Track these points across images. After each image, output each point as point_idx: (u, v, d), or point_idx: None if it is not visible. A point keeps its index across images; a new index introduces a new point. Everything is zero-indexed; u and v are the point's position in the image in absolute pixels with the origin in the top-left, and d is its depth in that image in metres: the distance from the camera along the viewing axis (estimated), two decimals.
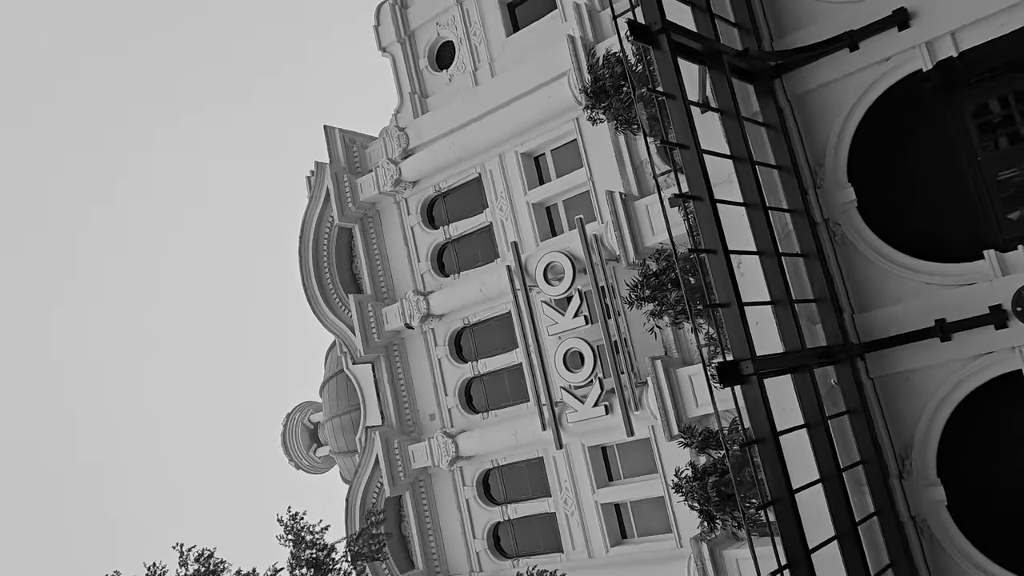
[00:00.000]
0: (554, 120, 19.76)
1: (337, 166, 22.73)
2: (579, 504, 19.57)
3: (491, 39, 21.52)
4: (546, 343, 18.89)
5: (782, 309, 12.51)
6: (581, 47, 18.29)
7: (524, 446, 20.23)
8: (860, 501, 12.97)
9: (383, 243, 22.94)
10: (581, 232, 18.24)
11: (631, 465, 19.26)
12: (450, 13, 22.21)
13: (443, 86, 22.46)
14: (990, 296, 12.60)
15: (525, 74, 19.81)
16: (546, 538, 20.38)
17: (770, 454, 11.26)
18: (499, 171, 20.85)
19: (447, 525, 21.75)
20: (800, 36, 13.96)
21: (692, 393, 17.04)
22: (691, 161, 12.20)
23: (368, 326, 21.94)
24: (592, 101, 17.90)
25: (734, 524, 15.99)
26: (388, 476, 21.15)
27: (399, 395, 22.22)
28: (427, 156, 21.58)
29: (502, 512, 21.01)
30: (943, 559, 13.11)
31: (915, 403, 13.32)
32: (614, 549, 19.01)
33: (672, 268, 16.69)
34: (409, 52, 22.89)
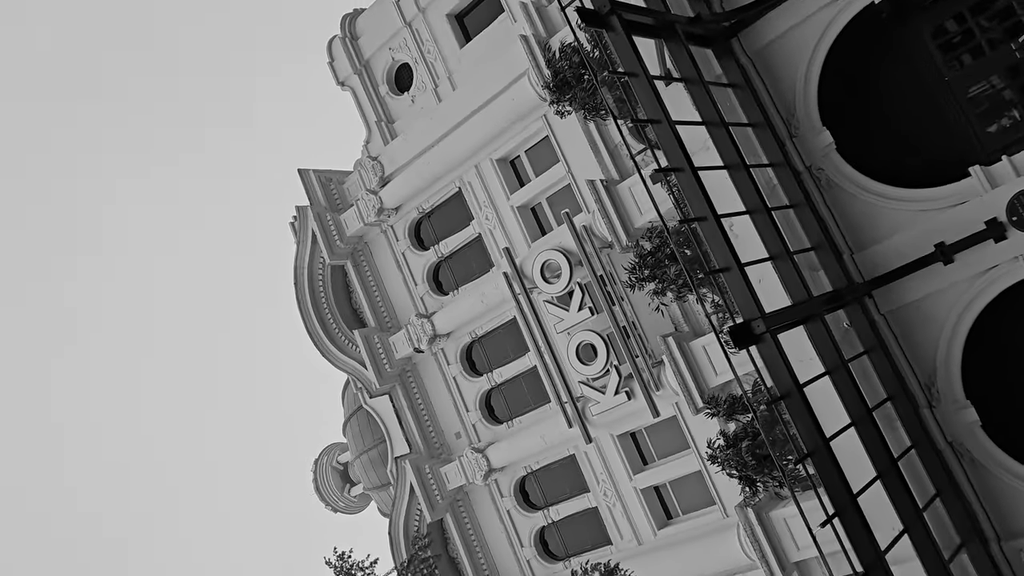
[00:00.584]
0: (522, 121, 19.78)
1: (318, 207, 22.73)
2: (619, 494, 19.52)
3: (446, 54, 21.56)
4: (556, 341, 18.87)
5: (782, 263, 12.53)
6: (535, 44, 18.33)
7: (554, 447, 20.19)
8: (895, 437, 12.98)
9: (377, 273, 22.93)
10: (570, 225, 18.22)
11: (663, 445, 19.22)
12: (400, 36, 22.26)
13: (407, 108, 22.48)
14: (984, 211, 12.63)
15: (485, 82, 19.84)
16: (593, 533, 20.32)
17: (797, 407, 11.26)
18: (478, 181, 20.87)
19: (493, 538, 21.69)
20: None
21: (709, 363, 17.01)
22: (664, 135, 12.24)
23: (378, 358, 21.92)
24: (556, 95, 17.93)
25: (775, 484, 15.95)
26: (425, 502, 21.10)
27: (421, 420, 22.18)
28: (405, 180, 21.60)
29: (544, 516, 20.95)
30: (987, 478, 13.11)
31: (930, 330, 13.34)
32: (662, 531, 18.96)
33: (666, 244, 16.69)
34: (368, 81, 22.93)
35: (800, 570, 16.31)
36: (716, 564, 17.43)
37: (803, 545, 16.04)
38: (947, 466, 13.08)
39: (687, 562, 17.79)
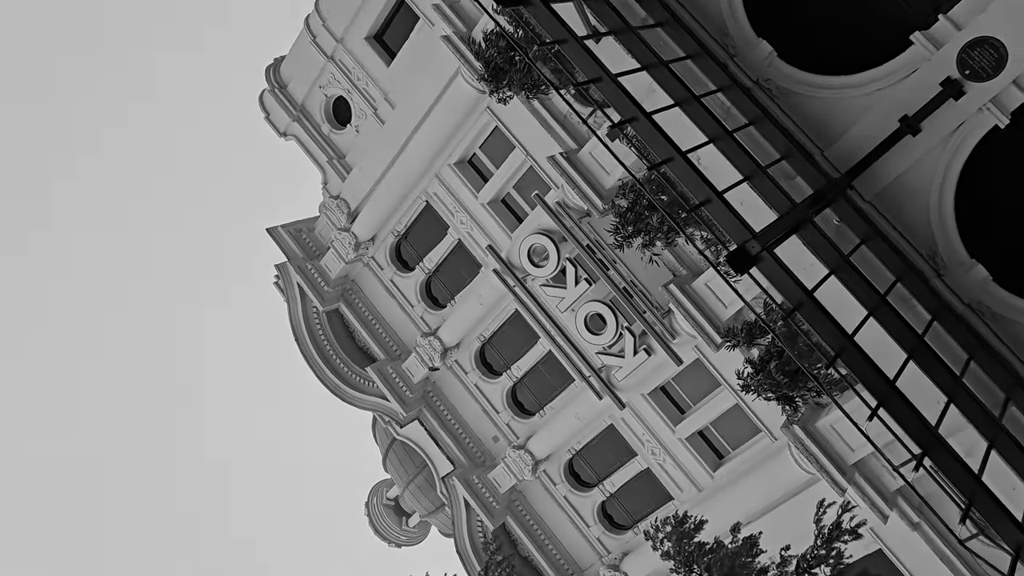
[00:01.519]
0: (468, 119, 19.74)
1: (297, 260, 22.69)
2: (666, 448, 19.54)
3: (375, 76, 21.50)
4: (563, 321, 18.85)
5: (758, 180, 12.54)
6: (459, 41, 18.26)
7: (590, 423, 20.21)
8: (914, 315, 13.04)
9: (372, 306, 22.92)
10: (543, 206, 18.22)
11: (695, 390, 19.24)
12: (327, 72, 22.19)
13: (354, 139, 22.44)
14: (936, 73, 12.67)
15: (421, 92, 19.78)
16: (652, 494, 20.35)
17: (813, 314, 11.30)
18: (442, 189, 20.84)
19: (557, 527, 21.70)
20: None
21: (716, 298, 17.00)
22: (609, 90, 12.24)
23: (397, 387, 21.90)
24: (493, 84, 17.89)
25: (812, 394, 15.98)
26: (483, 511, 21.11)
27: (456, 434, 22.18)
28: (372, 209, 21.56)
29: (601, 491, 20.98)
30: (1014, 328, 13.19)
31: (918, 203, 13.41)
32: (717, 472, 19.00)
33: (641, 195, 16.71)
34: (308, 124, 22.86)
35: (860, 470, 16.36)
36: (778, 488, 17.48)
37: (856, 445, 16.10)
38: (972, 328, 13.14)
39: (750, 494, 17.84)
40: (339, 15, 21.31)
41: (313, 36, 21.87)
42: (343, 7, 21.18)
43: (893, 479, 16.25)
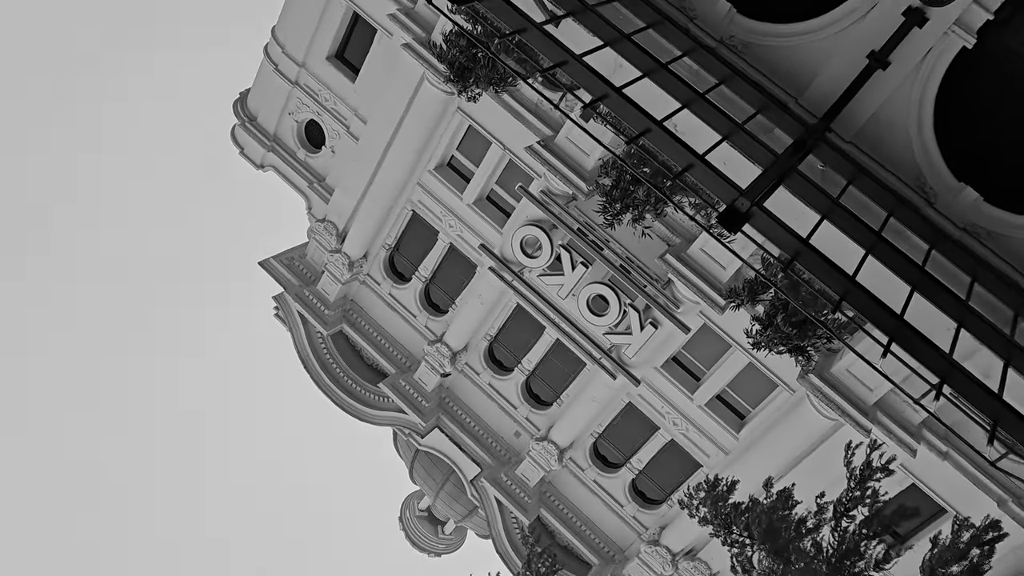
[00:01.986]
0: (441, 122, 19.71)
1: (293, 289, 22.69)
2: (686, 417, 19.57)
3: (342, 94, 21.47)
4: (565, 307, 18.86)
5: (736, 137, 12.54)
6: (419, 47, 18.25)
7: (608, 404, 20.24)
8: (912, 246, 13.06)
9: (374, 322, 22.93)
10: (529, 197, 18.23)
11: (706, 356, 19.26)
12: (294, 98, 22.18)
13: (331, 160, 22.43)
14: (896, 4, 12.66)
15: (390, 103, 19.75)
16: (681, 464, 20.39)
17: (812, 261, 11.31)
18: (427, 197, 20.82)
19: (593, 511, 21.76)
20: None
21: (713, 260, 17.04)
22: (575, 71, 12.22)
23: (412, 399, 21.92)
24: (460, 84, 17.88)
25: (823, 341, 16.01)
26: (516, 508, 21.15)
27: (478, 436, 22.21)
28: (360, 227, 21.55)
29: (629, 469, 21.02)
30: (1011, 244, 13.21)
31: (898, 135, 13.41)
32: (741, 433, 19.04)
33: (624, 171, 16.71)
34: (283, 152, 22.85)
35: (881, 408, 16.40)
36: (804, 439, 17.50)
37: (874, 385, 16.15)
38: (971, 251, 13.16)
39: (777, 449, 17.88)
40: (297, 40, 21.27)
41: (275, 64, 21.83)
42: (300, 31, 21.15)
43: (916, 412, 16.31)
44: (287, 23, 21.38)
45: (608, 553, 21.63)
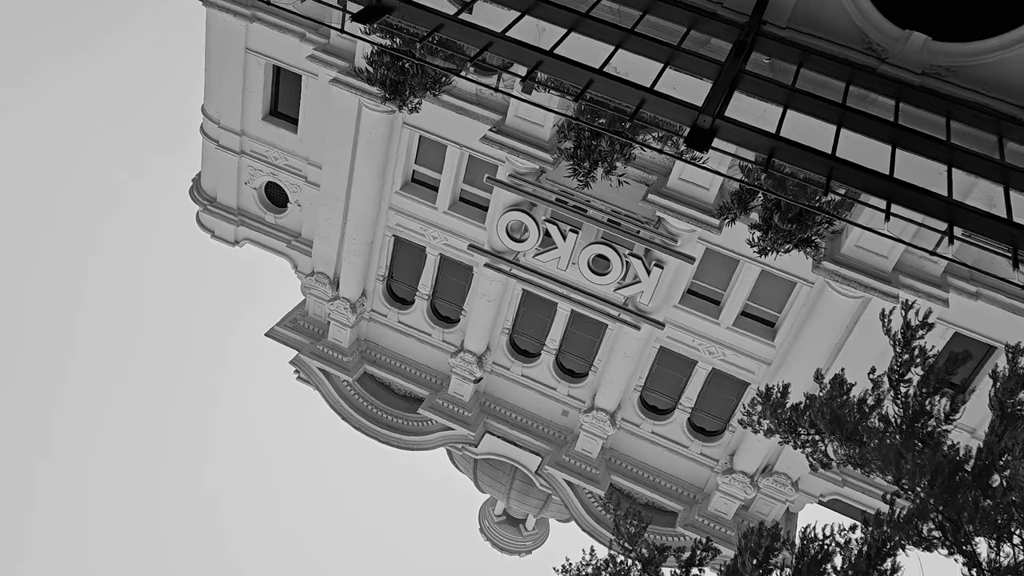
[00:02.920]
0: (391, 142, 19.68)
1: (307, 348, 22.73)
2: (719, 343, 19.56)
3: (289, 148, 21.47)
4: (569, 277, 18.89)
5: (678, 60, 12.53)
6: (347, 77, 18.22)
7: (641, 355, 20.24)
8: (881, 107, 13.10)
9: (394, 353, 22.98)
10: (499, 184, 18.24)
11: (719, 278, 19.26)
12: (244, 166, 22.17)
13: (300, 214, 22.42)
14: None
15: (338, 140, 19.73)
16: (729, 388, 20.41)
17: (789, 152, 11.32)
18: (402, 217, 20.80)
19: (661, 461, 21.81)
20: None
21: (695, 186, 17.05)
22: (503, 48, 12.21)
23: (455, 414, 21.97)
24: (398, 99, 17.84)
25: (825, 225, 16.01)
26: (588, 483, 21.22)
27: (528, 427, 22.24)
28: (349, 268, 21.54)
29: (682, 410, 21.04)
30: (974, 72, 13.21)
31: (829, 4, 13.38)
32: (777, 340, 19.04)
33: (582, 129, 16.69)
34: (253, 221, 22.85)
35: (901, 271, 16.42)
36: (838, 325, 17.50)
37: (887, 252, 16.17)
38: (937, 92, 13.15)
39: (816, 343, 17.88)
40: (229, 110, 21.25)
41: (215, 141, 21.82)
42: (229, 101, 21.12)
43: (936, 264, 16.32)
44: (214, 97, 21.35)
45: (689, 496, 21.69)
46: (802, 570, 9.31)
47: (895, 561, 9.22)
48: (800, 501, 21.28)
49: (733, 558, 9.87)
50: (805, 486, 20.48)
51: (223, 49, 20.32)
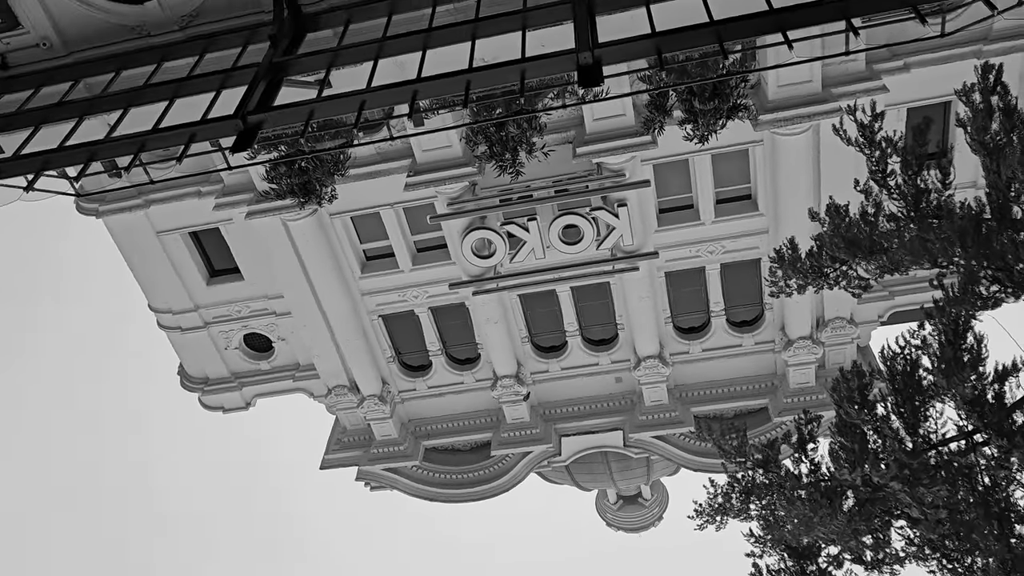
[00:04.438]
0: (330, 238, 19.73)
1: (363, 459, 22.71)
2: (714, 240, 19.61)
3: (245, 296, 21.48)
4: (553, 260, 18.95)
5: (533, 18, 12.68)
6: (259, 205, 18.29)
7: (654, 290, 20.23)
8: None
9: (441, 417, 23.04)
10: (442, 218, 18.33)
11: (678, 186, 19.30)
12: (215, 335, 22.15)
13: (288, 346, 22.39)
14: None
15: (283, 265, 19.74)
16: (745, 275, 20.38)
17: (673, 38, 11.45)
18: (378, 296, 20.85)
19: (728, 370, 21.85)
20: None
21: (610, 118, 17.19)
22: (376, 100, 12.34)
23: (524, 437, 21.97)
24: (313, 198, 17.88)
25: (741, 84, 16.04)
26: (674, 427, 21.28)
27: (594, 410, 22.27)
28: (357, 367, 21.53)
29: (715, 316, 21.05)
30: None
31: None
32: (761, 207, 19.07)
33: (484, 128, 16.76)
34: (251, 377, 22.85)
35: (830, 84, 16.56)
36: (805, 164, 17.61)
37: (807, 76, 16.34)
38: None
39: (795, 191, 17.95)
40: (172, 295, 21.27)
41: (177, 327, 21.82)
42: (168, 287, 21.14)
43: (855, 61, 16.47)
44: (154, 290, 21.38)
45: (767, 387, 21.68)
46: (900, 388, 9.34)
47: (975, 333, 9.25)
48: (864, 333, 21.32)
49: (836, 414, 9.90)
50: (860, 317, 20.54)
51: (136, 245, 20.35)
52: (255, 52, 14.89)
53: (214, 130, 13.05)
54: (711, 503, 11.56)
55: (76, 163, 14.08)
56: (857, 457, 9.27)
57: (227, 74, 14.07)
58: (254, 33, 15.29)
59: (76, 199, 19.44)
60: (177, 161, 13.67)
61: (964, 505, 9.08)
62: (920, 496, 8.63)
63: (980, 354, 8.84)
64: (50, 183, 15.06)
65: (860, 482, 9.47)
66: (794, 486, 10.21)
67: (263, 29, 15.19)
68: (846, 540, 9.94)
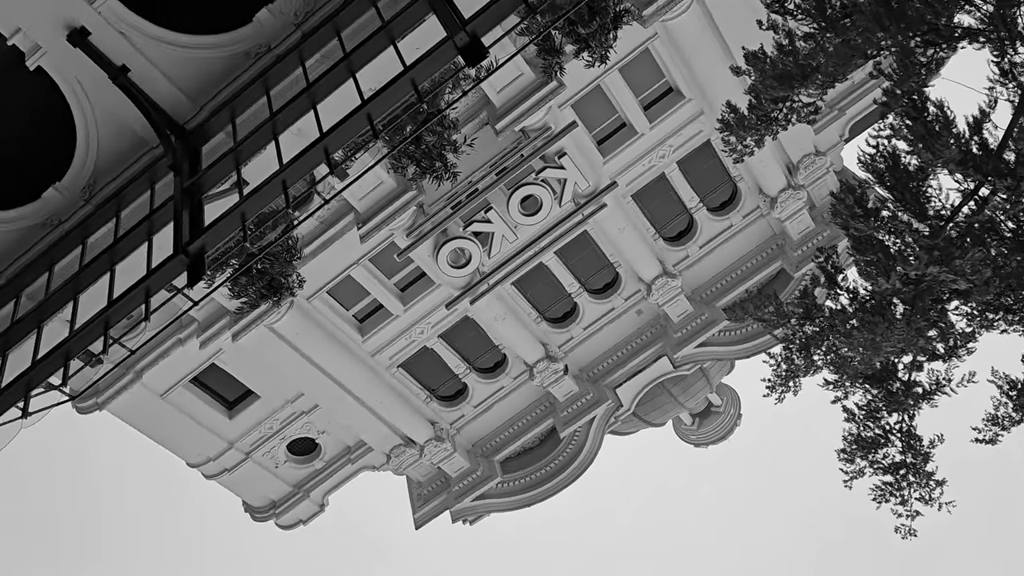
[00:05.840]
0: (317, 320, 19.73)
1: (450, 499, 22.74)
2: (659, 145, 19.72)
3: (268, 411, 21.57)
4: (526, 236, 18.98)
5: (397, 27, 12.68)
6: (239, 324, 18.28)
7: (628, 218, 20.31)
8: None
9: (499, 427, 23.17)
10: (407, 250, 18.27)
11: (602, 112, 19.40)
12: (260, 459, 22.17)
13: (331, 436, 22.42)
14: None
15: (287, 366, 19.69)
16: (703, 160, 20.40)
17: None
18: (387, 349, 20.87)
19: (730, 254, 22.07)
20: None
21: (512, 83, 17.23)
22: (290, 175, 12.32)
23: (583, 405, 22.05)
24: (284, 292, 17.78)
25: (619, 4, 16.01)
26: (709, 328, 21.41)
27: (631, 350, 22.39)
28: (402, 421, 21.57)
29: (696, 210, 21.14)
30: None
31: None
32: (687, 92, 19.09)
33: (405, 151, 16.73)
34: (311, 480, 22.92)
35: None
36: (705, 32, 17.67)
37: None
38: None
39: (710, 60, 17.96)
40: (201, 443, 21.37)
41: (224, 469, 21.87)
42: (195, 439, 21.22)
43: None
44: (182, 448, 21.48)
45: (774, 250, 21.83)
46: (892, 184, 9.37)
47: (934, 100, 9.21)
48: (834, 158, 21.35)
49: (848, 236, 9.94)
50: (824, 144, 20.67)
51: (148, 416, 20.32)
52: (165, 188, 14.84)
53: (164, 275, 12.98)
54: (778, 374, 11.60)
55: (57, 370, 13.99)
56: (884, 264, 9.31)
57: (150, 220, 13.99)
58: (154, 171, 15.21)
59: (73, 404, 19.33)
60: (146, 320, 13.60)
61: (1002, 258, 9.15)
62: (960, 269, 8.69)
63: (947, 116, 8.87)
64: (41, 400, 14.99)
65: (900, 285, 9.52)
66: (844, 320, 10.27)
67: (161, 164, 15.13)
68: (913, 343, 10.01)
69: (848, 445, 11.43)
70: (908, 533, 11.62)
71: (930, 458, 11.39)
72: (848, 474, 11.67)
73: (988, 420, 10.91)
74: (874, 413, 11.07)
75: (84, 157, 15.65)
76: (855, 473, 11.57)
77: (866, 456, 11.21)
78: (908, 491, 11.20)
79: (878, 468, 11.35)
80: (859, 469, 11.44)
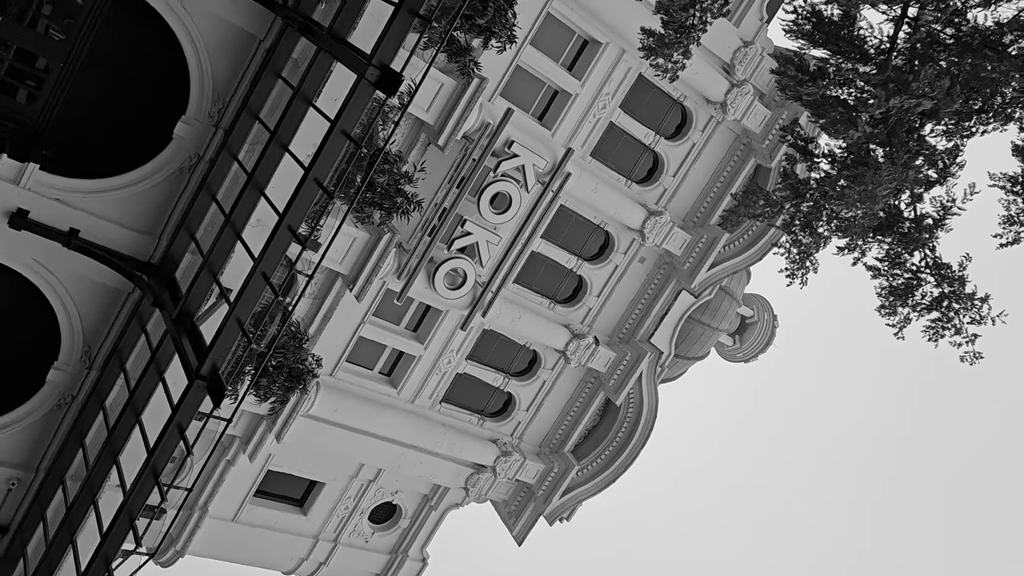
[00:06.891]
0: (351, 393, 19.76)
1: (540, 505, 22.72)
2: (601, 95, 19.64)
3: (336, 493, 21.48)
4: (510, 231, 19.07)
5: (306, 91, 12.71)
6: (267, 434, 18.31)
7: (597, 177, 20.27)
8: None
9: (558, 420, 23.13)
10: (403, 291, 18.33)
11: (530, 91, 19.41)
12: (347, 538, 22.23)
13: (406, 492, 22.43)
14: None
15: (331, 444, 19.75)
16: (644, 90, 20.49)
17: None
18: (422, 392, 20.89)
19: (708, 162, 21.88)
20: None
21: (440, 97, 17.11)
22: (262, 267, 12.34)
23: (624, 369, 21.98)
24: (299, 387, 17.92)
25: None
26: (714, 246, 21.37)
27: (646, 299, 22.36)
28: (465, 448, 21.54)
29: (659, 136, 21.12)
30: None
31: None
32: (603, 38, 19.14)
33: (364, 204, 16.78)
34: (405, 538, 22.93)
35: None
36: None
37: None
38: None
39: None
40: (287, 548, 21.55)
41: (317, 565, 22.06)
42: (279, 547, 21.32)
43: None
44: (272, 560, 21.79)
45: (743, 152, 21.70)
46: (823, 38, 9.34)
47: None
48: (762, 42, 21.04)
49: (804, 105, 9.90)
50: (747, 34, 20.52)
51: (228, 543, 20.74)
52: (157, 325, 14.92)
53: (189, 406, 13.00)
54: (791, 259, 11.62)
55: (127, 535, 14.03)
56: (847, 115, 9.29)
57: (155, 360, 14.04)
58: (140, 314, 15.29)
59: (155, 561, 19.39)
60: (189, 455, 13.65)
61: (954, 66, 9.12)
62: (918, 90, 8.65)
63: None
64: (124, 571, 15.07)
65: (870, 129, 9.50)
66: (832, 184, 10.24)
67: (144, 304, 15.20)
68: (904, 178, 9.97)
69: (885, 299, 11.40)
70: (974, 358, 11.57)
71: (966, 280, 11.35)
72: (895, 326, 11.63)
73: (1005, 222, 10.88)
74: (896, 259, 11.05)
75: (70, 330, 15.79)
76: (901, 323, 11.54)
77: (906, 302, 11.18)
78: (958, 318, 11.17)
79: (921, 309, 11.32)
80: (904, 317, 11.42)
